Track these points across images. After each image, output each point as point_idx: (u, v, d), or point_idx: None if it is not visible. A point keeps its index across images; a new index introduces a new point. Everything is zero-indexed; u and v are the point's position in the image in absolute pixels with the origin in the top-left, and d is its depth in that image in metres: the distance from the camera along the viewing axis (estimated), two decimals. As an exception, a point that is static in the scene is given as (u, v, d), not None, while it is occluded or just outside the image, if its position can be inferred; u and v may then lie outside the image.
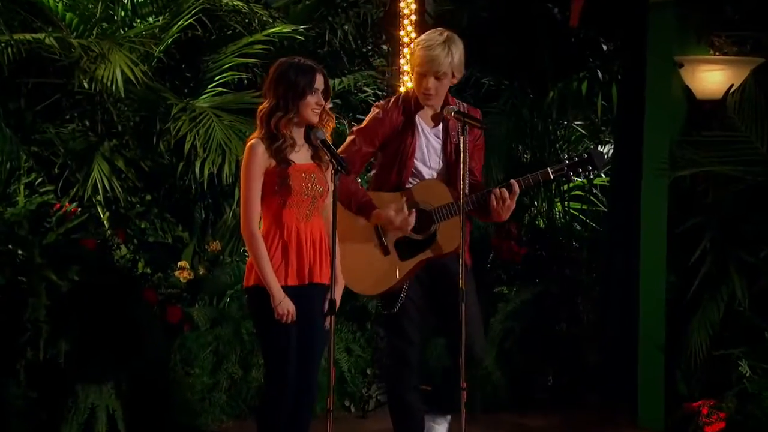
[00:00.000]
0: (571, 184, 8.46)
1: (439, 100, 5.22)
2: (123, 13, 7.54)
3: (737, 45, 6.93)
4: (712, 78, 6.83)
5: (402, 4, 8.14)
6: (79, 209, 6.96)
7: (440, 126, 5.24)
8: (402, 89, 8.03)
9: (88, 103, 7.43)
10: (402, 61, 8.12)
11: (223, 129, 7.06)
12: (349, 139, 5.25)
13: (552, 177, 5.11)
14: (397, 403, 5.32)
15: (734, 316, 6.70)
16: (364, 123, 5.28)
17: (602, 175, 8.35)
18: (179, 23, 7.38)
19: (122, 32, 7.41)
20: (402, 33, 8.15)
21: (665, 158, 6.85)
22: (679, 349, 6.81)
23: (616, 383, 7.43)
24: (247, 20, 7.89)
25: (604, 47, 8.26)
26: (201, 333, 6.95)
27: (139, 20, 7.61)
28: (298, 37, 7.81)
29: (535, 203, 8.40)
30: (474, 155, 5.27)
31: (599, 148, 8.15)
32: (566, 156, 8.24)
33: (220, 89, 7.53)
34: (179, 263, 7.14)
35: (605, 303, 7.67)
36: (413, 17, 8.14)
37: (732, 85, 6.80)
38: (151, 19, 7.61)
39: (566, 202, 8.45)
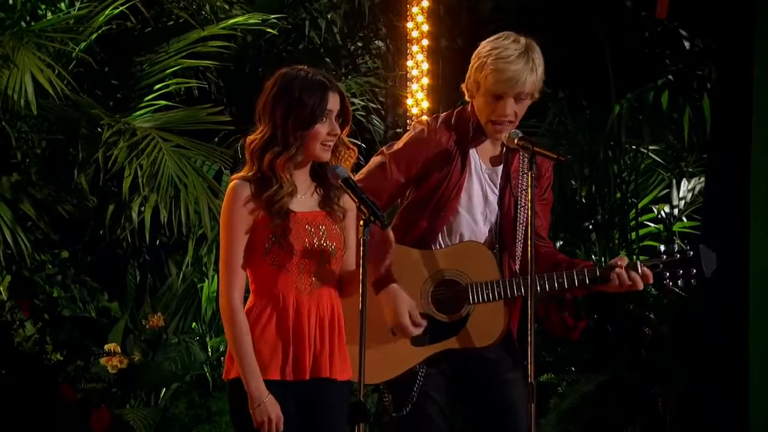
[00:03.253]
0: (641, 231, 8.37)
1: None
2: (24, -1, 7.59)
3: None
4: (844, 85, 6.84)
5: (410, -13, 8.37)
6: (-32, 272, 6.82)
7: (500, 168, 5.08)
8: (410, 101, 8.14)
9: (-27, 123, 7.48)
10: (410, 63, 8.22)
11: (175, 159, 7.09)
12: (375, 161, 5.07)
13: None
14: None
15: None
16: (401, 143, 5.11)
17: (684, 218, 8.34)
18: (106, 12, 7.46)
19: (24, 24, 7.52)
20: (410, 25, 8.22)
21: (784, 195, 6.81)
22: (809, 464, 6.69)
23: None
24: (195, 5, 7.97)
25: (687, 44, 8.38)
26: (138, 445, 6.92)
27: (44, 7, 7.71)
28: (269, 30, 7.87)
29: (593, 257, 8.27)
30: (540, 212, 5.12)
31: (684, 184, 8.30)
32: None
33: (162, 102, 7.60)
34: (106, 346, 7.22)
35: (698, 398, 7.42)
36: (425, 3, 8.24)
37: None
38: (63, 6, 7.70)
39: (635, 256, 8.19)
